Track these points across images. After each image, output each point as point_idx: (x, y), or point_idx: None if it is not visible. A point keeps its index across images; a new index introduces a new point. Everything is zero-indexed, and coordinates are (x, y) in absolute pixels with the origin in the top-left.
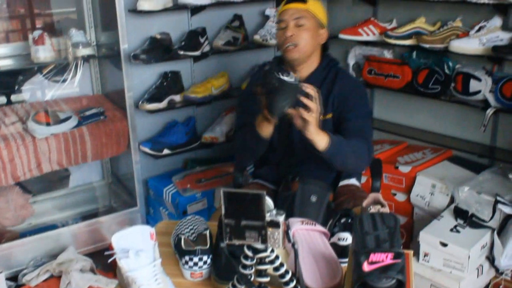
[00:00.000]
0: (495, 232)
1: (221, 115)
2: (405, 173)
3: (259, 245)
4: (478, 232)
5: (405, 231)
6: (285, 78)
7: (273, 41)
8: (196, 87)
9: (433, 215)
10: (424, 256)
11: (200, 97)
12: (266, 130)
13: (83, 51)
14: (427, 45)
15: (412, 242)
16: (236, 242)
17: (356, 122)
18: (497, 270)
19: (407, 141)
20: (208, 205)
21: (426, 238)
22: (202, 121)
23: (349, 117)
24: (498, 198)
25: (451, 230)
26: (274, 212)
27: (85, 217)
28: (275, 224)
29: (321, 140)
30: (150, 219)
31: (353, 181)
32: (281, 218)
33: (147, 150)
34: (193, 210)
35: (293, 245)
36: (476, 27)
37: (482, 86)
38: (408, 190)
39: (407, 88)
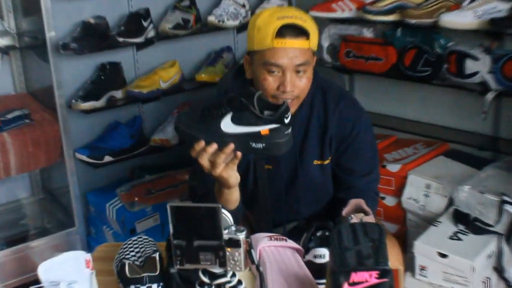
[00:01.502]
0: (503, 238)
1: (172, 113)
2: (394, 172)
3: (216, 269)
4: (482, 239)
5: (397, 241)
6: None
7: (231, 23)
8: (140, 81)
9: (429, 221)
10: (421, 270)
11: (146, 92)
12: (231, 198)
13: (1, 42)
14: (413, 21)
15: (406, 254)
16: (189, 266)
17: (364, 165)
18: (507, 283)
19: (396, 134)
20: (161, 221)
21: (422, 248)
22: (150, 120)
23: (354, 161)
24: (505, 198)
25: (451, 237)
26: (233, 228)
27: (11, 242)
28: (235, 243)
29: None
30: (91, 241)
31: None
32: (242, 236)
33: (84, 158)
34: (143, 228)
35: (257, 267)
36: None
37: (480, 66)
38: (398, 193)
39: (392, 72)
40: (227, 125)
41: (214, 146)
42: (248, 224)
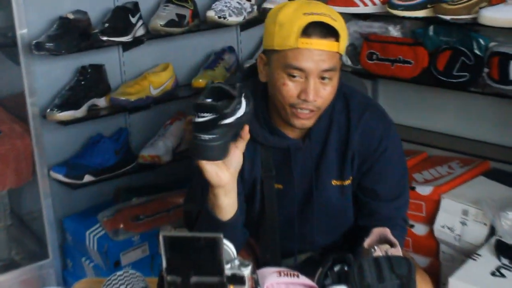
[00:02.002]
0: None
1: (164, 124)
2: (425, 195)
3: None
4: None
5: (429, 277)
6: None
7: (234, 19)
8: (127, 87)
9: (467, 254)
10: None
11: (133, 100)
12: (227, 201)
13: None
14: (448, 17)
15: None
16: None
17: (391, 188)
18: None
19: (426, 151)
20: (150, 253)
21: (459, 286)
22: (138, 133)
23: (380, 182)
24: None
25: (493, 274)
26: (237, 262)
27: None
28: (239, 280)
29: None
30: (68, 276)
31: None
32: (246, 271)
33: (60, 177)
34: (129, 261)
35: None
36: None
37: None
38: (430, 220)
39: (423, 78)
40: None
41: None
42: (253, 254)
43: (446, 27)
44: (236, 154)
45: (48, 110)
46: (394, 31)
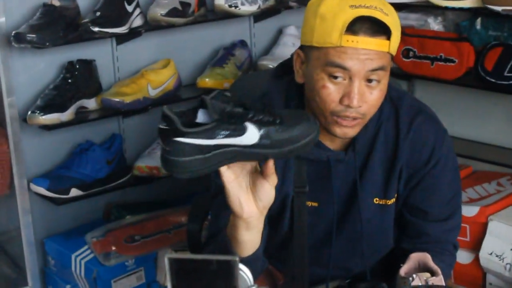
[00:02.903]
0: None
1: None
2: (470, 217)
3: None
4: None
5: None
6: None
7: (247, 8)
8: (122, 86)
9: None
10: None
11: (129, 102)
12: (251, 238)
13: None
14: (499, 8)
15: None
16: None
17: (442, 206)
18: None
19: (471, 165)
20: (146, 280)
21: None
22: (134, 141)
23: (430, 199)
24: None
25: None
26: None
27: None
28: None
29: None
30: None
31: None
32: None
33: (42, 191)
34: None
35: None
36: None
37: None
38: (475, 246)
39: (468, 79)
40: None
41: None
42: (271, 279)
43: (497, 19)
44: (265, 188)
45: (29, 112)
46: (434, 24)
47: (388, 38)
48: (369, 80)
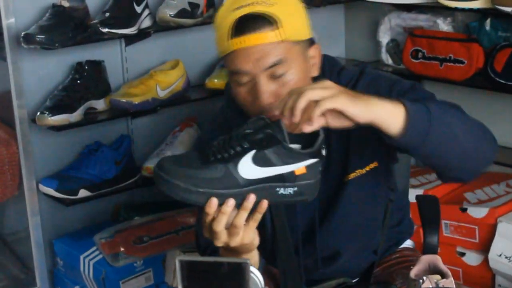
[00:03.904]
0: None
1: (173, 131)
2: (479, 218)
3: None
4: None
5: None
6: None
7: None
8: (130, 87)
9: None
10: None
11: (138, 103)
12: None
13: None
14: (508, 9)
15: None
16: None
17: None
18: None
19: None
20: (155, 281)
21: None
22: (142, 142)
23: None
24: None
25: None
26: None
27: None
28: None
29: (385, 110)
30: None
31: (407, 243)
32: None
33: (51, 191)
34: None
35: None
36: None
37: None
38: (484, 247)
39: (477, 80)
40: (246, 168)
41: (231, 203)
42: (274, 282)
43: (506, 20)
44: (247, 229)
45: (38, 113)
46: (443, 25)
47: (277, 26)
48: (274, 76)
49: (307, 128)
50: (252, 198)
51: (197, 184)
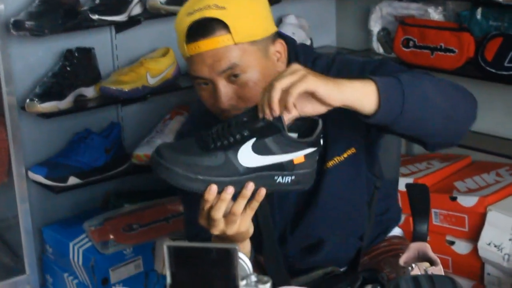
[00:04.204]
0: None
1: (163, 119)
2: (468, 207)
3: None
4: None
5: None
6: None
7: None
8: (121, 74)
9: None
10: None
11: (127, 90)
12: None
13: None
14: None
15: None
16: None
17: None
18: None
19: (471, 155)
20: (144, 269)
21: None
22: (133, 129)
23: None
24: None
25: None
26: (254, 278)
27: None
28: None
29: (356, 89)
30: None
31: (396, 231)
32: None
33: (41, 179)
34: (120, 277)
35: None
36: None
37: None
38: (474, 236)
39: (468, 69)
40: (246, 156)
41: (230, 191)
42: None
43: (497, 9)
44: (244, 217)
45: (28, 100)
46: (435, 14)
47: (228, 30)
48: (232, 78)
49: (286, 116)
50: (251, 186)
51: (196, 172)
